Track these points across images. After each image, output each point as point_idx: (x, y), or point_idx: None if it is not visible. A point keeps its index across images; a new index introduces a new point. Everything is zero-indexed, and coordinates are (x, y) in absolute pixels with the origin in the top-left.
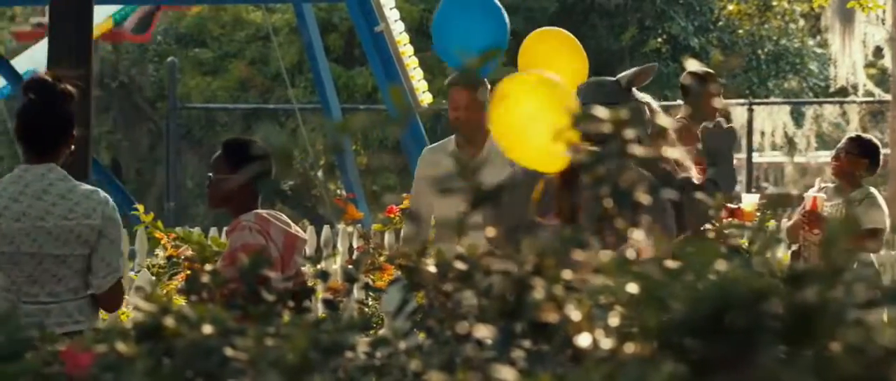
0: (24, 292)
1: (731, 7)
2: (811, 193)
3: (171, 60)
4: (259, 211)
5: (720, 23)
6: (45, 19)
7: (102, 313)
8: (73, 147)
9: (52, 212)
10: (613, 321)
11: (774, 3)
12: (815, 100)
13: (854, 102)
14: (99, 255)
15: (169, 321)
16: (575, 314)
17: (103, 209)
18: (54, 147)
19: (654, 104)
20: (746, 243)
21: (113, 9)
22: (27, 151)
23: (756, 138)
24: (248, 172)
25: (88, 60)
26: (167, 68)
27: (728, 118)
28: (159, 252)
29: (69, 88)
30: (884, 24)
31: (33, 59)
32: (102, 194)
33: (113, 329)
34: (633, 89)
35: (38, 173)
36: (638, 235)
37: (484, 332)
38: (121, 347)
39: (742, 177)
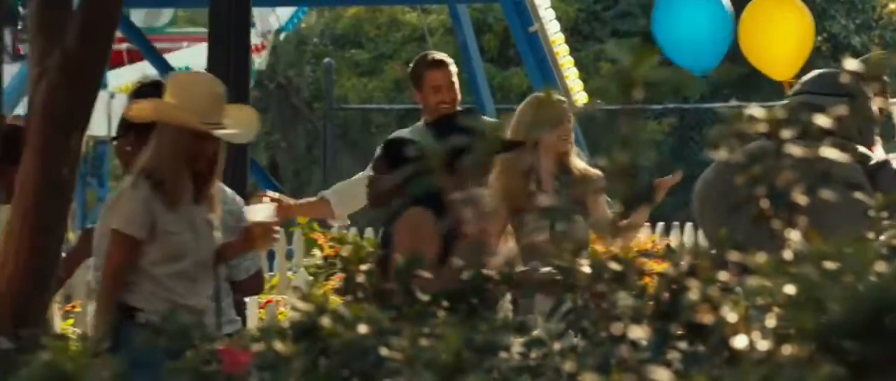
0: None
1: (893, 6)
2: None
3: (327, 62)
4: None
5: (882, 21)
6: None
7: (261, 312)
8: None
9: None
10: (770, 322)
11: None
12: None
13: None
14: None
15: (325, 321)
16: (731, 316)
17: (233, 200)
18: None
19: None
20: None
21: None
22: None
23: None
24: (404, 173)
25: (246, 62)
26: (324, 69)
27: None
28: (316, 252)
29: None
30: None
31: (191, 61)
32: (225, 188)
33: (270, 329)
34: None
35: None
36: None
37: (639, 333)
38: (278, 346)
39: None
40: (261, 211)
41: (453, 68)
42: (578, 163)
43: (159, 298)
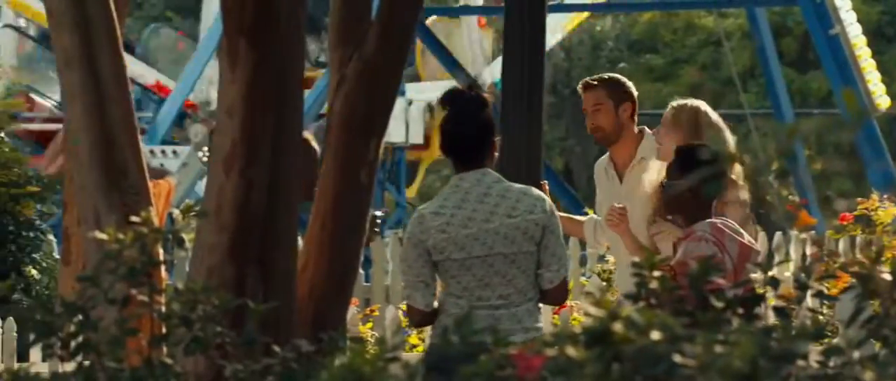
0: (476, 297)
1: None
2: None
3: (622, 67)
4: (713, 220)
5: None
6: None
7: (554, 318)
8: (497, 153)
9: (496, 212)
10: None
11: None
12: None
13: None
14: (549, 250)
15: (617, 327)
16: None
17: (542, 205)
18: (480, 154)
19: None
20: None
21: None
22: (456, 162)
23: None
24: (695, 177)
25: (540, 68)
26: None
27: None
28: (609, 258)
29: (485, 95)
30: None
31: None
32: (535, 190)
33: (563, 334)
34: None
35: (473, 179)
36: None
37: None
38: (570, 351)
39: None
40: None
41: (602, 92)
42: None
43: None
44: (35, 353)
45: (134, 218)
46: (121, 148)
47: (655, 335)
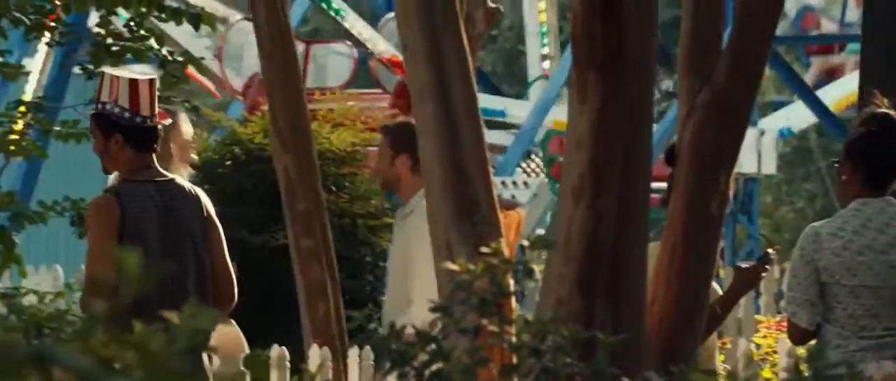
0: (861, 326)
1: None
2: None
3: None
4: None
5: None
6: None
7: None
8: None
9: (894, 245)
10: None
11: None
12: None
13: None
14: None
15: None
16: None
17: None
18: (889, 180)
19: None
20: None
21: None
22: (864, 185)
23: None
24: None
25: None
26: None
27: None
28: None
29: None
30: None
31: (839, 89)
32: None
33: None
34: None
35: (877, 207)
36: None
37: None
38: None
39: None
40: None
41: (385, 139)
42: None
43: None
44: None
45: (485, 249)
46: (472, 180)
47: None
